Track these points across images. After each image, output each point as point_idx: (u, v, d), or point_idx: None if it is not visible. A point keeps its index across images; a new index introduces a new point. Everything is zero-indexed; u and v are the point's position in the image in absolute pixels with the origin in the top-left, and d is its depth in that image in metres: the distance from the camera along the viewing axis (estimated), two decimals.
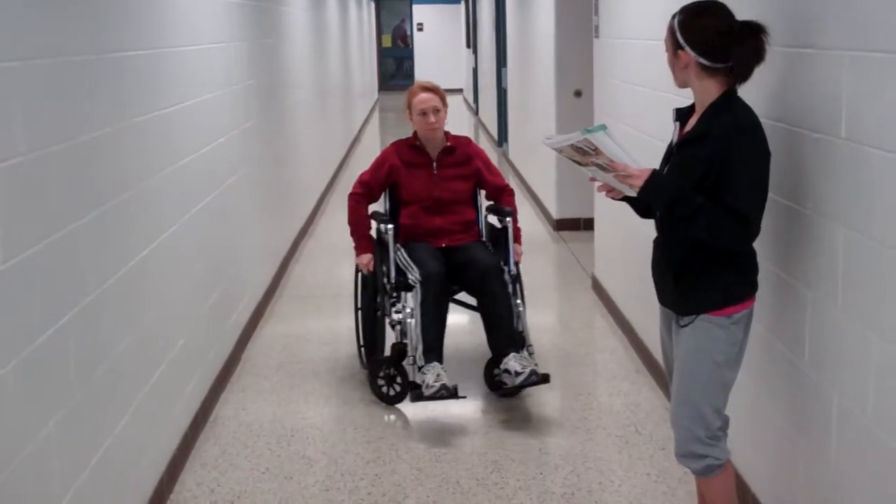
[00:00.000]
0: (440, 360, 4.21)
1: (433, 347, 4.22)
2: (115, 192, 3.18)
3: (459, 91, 22.97)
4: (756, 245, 2.80)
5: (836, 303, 2.62)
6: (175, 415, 3.84)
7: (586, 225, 7.42)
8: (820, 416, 2.75)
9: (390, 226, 4.58)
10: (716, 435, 2.80)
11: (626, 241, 5.15)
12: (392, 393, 4.43)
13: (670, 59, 2.79)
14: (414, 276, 4.36)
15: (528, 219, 8.57)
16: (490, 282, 4.35)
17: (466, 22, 20.78)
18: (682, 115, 2.91)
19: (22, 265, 2.46)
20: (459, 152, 4.67)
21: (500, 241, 4.62)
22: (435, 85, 4.66)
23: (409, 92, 4.65)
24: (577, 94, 7.72)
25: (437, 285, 4.32)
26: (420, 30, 25.23)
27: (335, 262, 7.50)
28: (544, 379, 4.20)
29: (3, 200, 2.38)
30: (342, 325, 5.48)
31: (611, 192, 2.88)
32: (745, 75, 2.71)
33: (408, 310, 4.35)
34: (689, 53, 2.70)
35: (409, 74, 25.32)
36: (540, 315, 5.70)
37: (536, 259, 7.33)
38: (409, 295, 4.37)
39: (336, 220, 9.04)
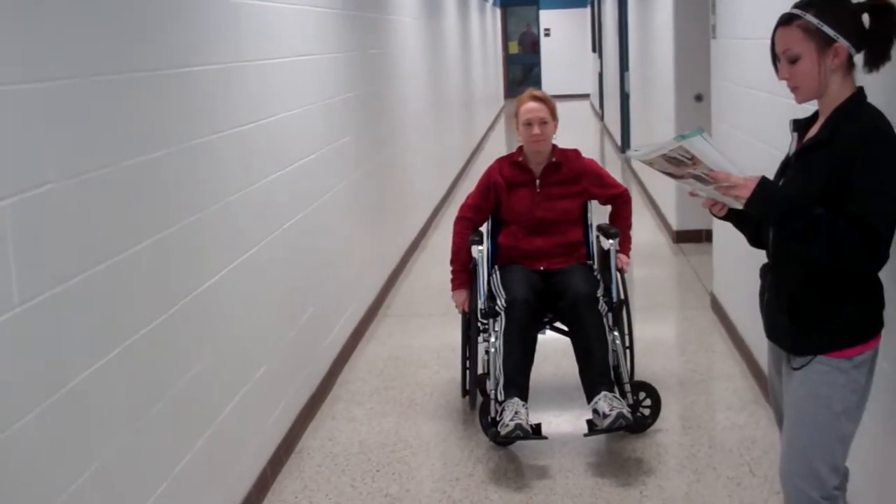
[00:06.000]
0: (523, 397, 3.83)
1: (514, 381, 3.85)
2: (178, 217, 3.02)
3: (586, 96, 22.53)
4: (883, 273, 2.42)
5: None
6: (251, 450, 3.66)
7: (708, 237, 6.96)
8: None
9: (479, 247, 4.27)
10: (832, 495, 2.44)
11: (746, 257, 4.71)
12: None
13: (808, 66, 2.36)
14: (501, 301, 4.04)
15: (647, 230, 8.18)
16: (581, 311, 3.97)
17: (592, 26, 20.34)
18: (799, 126, 2.55)
19: (60, 296, 2.30)
20: (566, 168, 4.31)
21: (607, 264, 4.24)
22: (545, 94, 4.32)
23: (518, 100, 4.34)
24: (699, 98, 7.28)
25: (523, 313, 3.97)
26: (547, 35, 24.84)
27: (446, 276, 7.26)
28: (636, 425, 3.91)
29: (35, 229, 2.23)
30: (446, 346, 5.24)
31: (715, 205, 2.56)
32: (886, 56, 2.34)
33: (492, 339, 4.02)
34: (845, 45, 2.33)
35: (537, 80, 24.96)
36: (654, 336, 5.34)
37: (655, 273, 6.97)
38: (496, 323, 4.04)
39: (451, 233, 8.80)
